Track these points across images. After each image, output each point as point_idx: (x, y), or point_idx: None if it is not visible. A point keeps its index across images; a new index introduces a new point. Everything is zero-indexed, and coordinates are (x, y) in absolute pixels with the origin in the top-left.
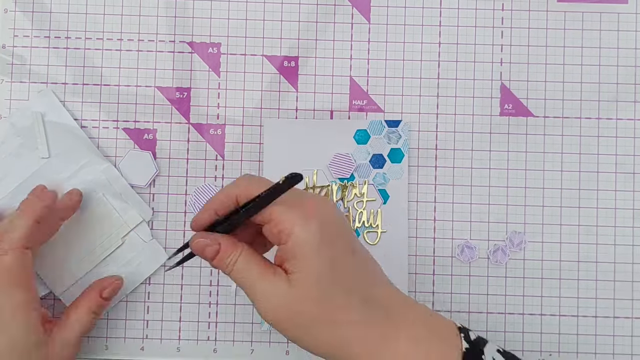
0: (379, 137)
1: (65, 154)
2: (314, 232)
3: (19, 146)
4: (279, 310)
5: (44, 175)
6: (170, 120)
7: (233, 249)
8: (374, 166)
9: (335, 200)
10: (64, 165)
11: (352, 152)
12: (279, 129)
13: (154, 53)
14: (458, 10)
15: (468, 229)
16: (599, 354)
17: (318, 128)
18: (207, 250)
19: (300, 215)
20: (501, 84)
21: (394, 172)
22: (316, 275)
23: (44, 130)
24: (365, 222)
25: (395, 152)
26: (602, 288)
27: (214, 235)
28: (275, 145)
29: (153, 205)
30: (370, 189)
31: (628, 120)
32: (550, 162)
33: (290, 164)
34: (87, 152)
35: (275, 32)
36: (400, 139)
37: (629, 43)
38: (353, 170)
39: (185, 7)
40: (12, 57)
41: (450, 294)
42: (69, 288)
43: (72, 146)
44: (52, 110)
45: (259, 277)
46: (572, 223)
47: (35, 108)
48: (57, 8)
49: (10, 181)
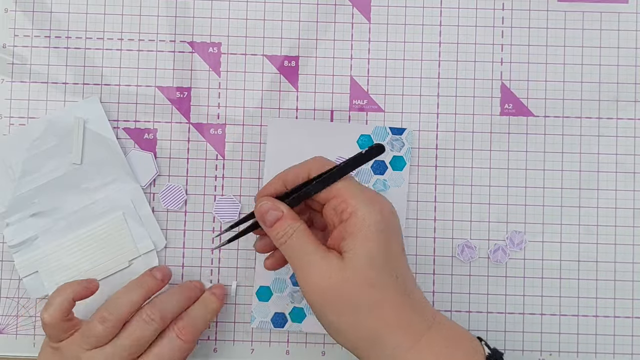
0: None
1: (97, 165)
2: (377, 215)
3: (53, 146)
4: (327, 292)
5: (71, 180)
6: (170, 120)
7: (294, 220)
8: (375, 172)
9: None
10: (93, 176)
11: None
12: (283, 129)
13: (154, 53)
14: (458, 10)
15: (468, 228)
16: (599, 354)
17: (321, 130)
18: (270, 215)
19: (366, 197)
20: (501, 83)
21: (395, 180)
22: (370, 257)
23: (82, 136)
24: None
25: (397, 160)
26: (603, 288)
27: (279, 203)
28: (278, 145)
29: (153, 205)
30: None
31: (628, 120)
32: (551, 161)
33: (292, 164)
34: (119, 168)
35: (276, 31)
36: (403, 147)
37: (629, 43)
38: (354, 175)
39: (186, 6)
40: (13, 56)
41: (450, 293)
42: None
43: (106, 159)
44: (95, 118)
45: (313, 253)
46: (573, 223)
47: (79, 113)
48: (58, 8)
49: (36, 178)
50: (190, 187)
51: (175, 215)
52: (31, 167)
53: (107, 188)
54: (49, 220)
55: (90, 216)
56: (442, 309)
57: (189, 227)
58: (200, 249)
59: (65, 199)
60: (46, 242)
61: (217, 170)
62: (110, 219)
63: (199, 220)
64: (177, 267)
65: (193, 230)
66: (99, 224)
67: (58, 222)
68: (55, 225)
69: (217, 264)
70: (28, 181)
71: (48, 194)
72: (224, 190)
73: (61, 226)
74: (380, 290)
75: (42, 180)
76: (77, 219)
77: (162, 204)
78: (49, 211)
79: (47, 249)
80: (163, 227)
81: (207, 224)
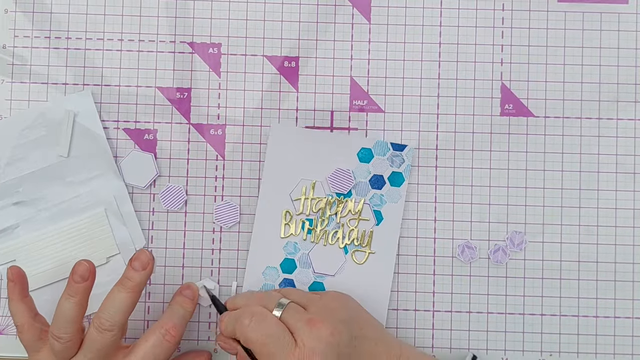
0: (382, 159)
1: (84, 159)
2: (319, 343)
3: (41, 136)
4: None
5: (56, 172)
6: (170, 121)
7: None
8: (373, 186)
9: (328, 215)
10: (79, 170)
11: (354, 169)
12: (285, 134)
13: (154, 53)
14: (458, 10)
15: (468, 229)
16: (600, 354)
17: (323, 139)
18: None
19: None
20: (501, 84)
21: (392, 196)
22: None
23: (71, 130)
24: (355, 240)
25: (396, 176)
26: (603, 288)
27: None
28: (279, 149)
29: (153, 206)
30: (365, 208)
31: (628, 120)
32: (551, 162)
33: (291, 170)
34: (105, 164)
35: (276, 32)
36: (403, 164)
37: (629, 43)
38: (351, 187)
39: (186, 7)
40: (13, 57)
41: (450, 294)
42: (41, 288)
43: (93, 154)
44: (85, 113)
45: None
46: (573, 223)
47: (69, 106)
48: (58, 8)
49: (22, 167)
50: (190, 187)
51: (176, 215)
52: (18, 155)
53: (92, 183)
54: (32, 210)
55: (72, 209)
56: (442, 310)
57: (189, 228)
58: (200, 249)
59: (49, 190)
60: (27, 231)
61: (217, 170)
62: (92, 214)
63: (199, 221)
64: (177, 267)
65: (193, 231)
66: (81, 218)
67: (40, 213)
68: (37, 216)
69: (217, 264)
70: (13, 170)
71: (33, 183)
72: (224, 191)
73: (43, 217)
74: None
75: (27, 169)
76: (60, 211)
77: (162, 205)
78: (32, 201)
79: (27, 238)
80: (163, 228)
81: (207, 224)
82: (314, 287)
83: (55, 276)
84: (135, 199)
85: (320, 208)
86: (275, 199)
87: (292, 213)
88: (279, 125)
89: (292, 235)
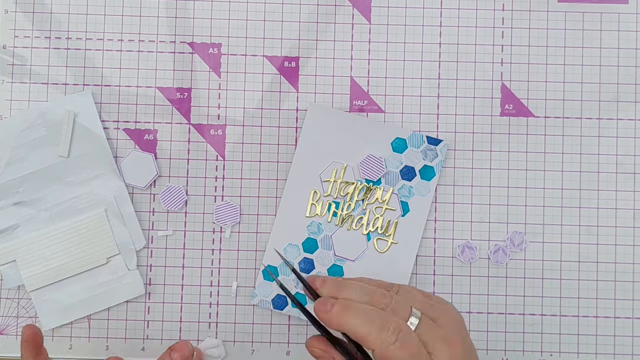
0: (415, 151)
1: (84, 159)
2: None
3: (42, 137)
4: None
5: (56, 172)
6: (170, 121)
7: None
8: (403, 177)
9: (355, 200)
10: (79, 170)
11: (386, 157)
12: (321, 115)
13: (154, 54)
14: (458, 10)
15: (469, 229)
16: (600, 354)
17: (358, 124)
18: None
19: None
20: (502, 84)
21: (421, 189)
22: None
23: (71, 130)
24: (379, 229)
25: (427, 169)
26: (603, 288)
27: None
28: (314, 129)
29: (154, 206)
30: (393, 198)
31: (628, 120)
32: (551, 162)
33: (324, 151)
34: (105, 164)
35: (276, 32)
36: (436, 158)
37: (629, 43)
38: (382, 175)
39: (186, 7)
40: (13, 57)
41: (450, 294)
42: (40, 288)
43: (93, 154)
44: (85, 113)
45: None
46: (573, 223)
47: (70, 106)
48: (58, 9)
49: (22, 167)
50: (191, 187)
51: (176, 216)
52: (18, 155)
53: (92, 183)
54: (32, 211)
55: (72, 210)
56: None
57: (189, 228)
58: (200, 249)
59: (50, 191)
60: (26, 231)
61: (218, 171)
62: (92, 214)
63: (199, 221)
64: (178, 267)
65: (193, 231)
66: (81, 219)
67: (40, 213)
68: (38, 216)
69: (217, 264)
70: (14, 170)
71: (33, 184)
72: (224, 191)
73: (43, 217)
74: None
75: (28, 169)
76: (60, 211)
77: (162, 205)
78: (32, 201)
79: (26, 238)
80: (163, 228)
81: (208, 224)
82: (332, 269)
83: (55, 276)
84: (136, 199)
85: (348, 192)
86: (305, 178)
87: (319, 193)
88: (316, 106)
89: (317, 216)
